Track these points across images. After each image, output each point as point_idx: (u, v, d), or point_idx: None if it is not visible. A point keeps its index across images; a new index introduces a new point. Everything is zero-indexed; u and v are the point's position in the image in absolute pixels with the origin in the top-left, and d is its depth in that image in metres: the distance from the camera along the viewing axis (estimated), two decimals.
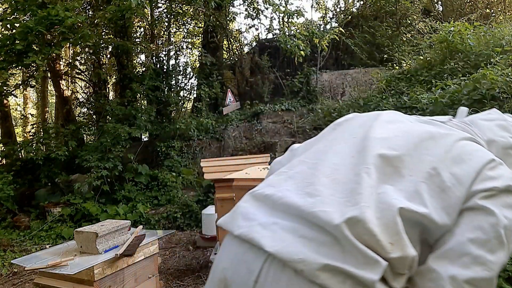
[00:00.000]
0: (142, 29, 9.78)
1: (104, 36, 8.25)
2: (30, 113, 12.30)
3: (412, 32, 8.29)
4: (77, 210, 5.99)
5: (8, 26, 5.91)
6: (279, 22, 8.24)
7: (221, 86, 8.56)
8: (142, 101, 8.92)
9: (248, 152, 7.17)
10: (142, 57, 9.88)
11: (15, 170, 6.64)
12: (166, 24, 9.37)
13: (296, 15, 7.19)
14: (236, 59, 9.51)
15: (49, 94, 11.92)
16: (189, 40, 10.51)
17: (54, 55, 7.12)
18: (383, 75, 6.89)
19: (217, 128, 7.78)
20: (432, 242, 0.82)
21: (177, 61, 9.57)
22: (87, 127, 8.33)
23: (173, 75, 8.79)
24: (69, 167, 6.97)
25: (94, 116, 8.65)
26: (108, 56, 9.27)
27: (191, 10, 9.04)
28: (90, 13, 8.31)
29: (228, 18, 9.14)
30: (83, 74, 9.16)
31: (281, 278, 0.75)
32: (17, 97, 9.98)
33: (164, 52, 9.24)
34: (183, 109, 9.40)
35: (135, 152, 7.13)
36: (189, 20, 9.74)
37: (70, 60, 9.16)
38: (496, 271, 0.75)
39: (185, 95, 9.30)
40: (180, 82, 9.09)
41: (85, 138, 8.68)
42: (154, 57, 8.79)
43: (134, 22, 8.73)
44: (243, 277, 0.80)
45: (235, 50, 9.80)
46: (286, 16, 7.35)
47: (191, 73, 9.21)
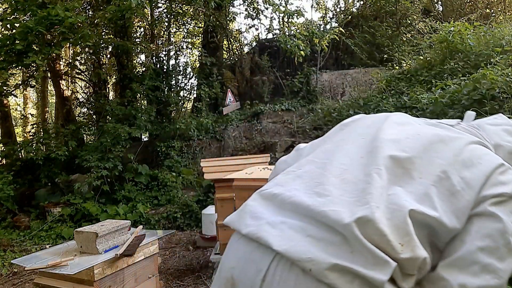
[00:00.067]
0: (142, 29, 9.78)
1: (104, 36, 8.25)
2: (30, 113, 12.30)
3: (412, 32, 8.28)
4: (77, 210, 6.00)
5: (8, 26, 5.91)
6: (279, 22, 8.25)
7: (221, 86, 8.56)
8: (142, 101, 8.92)
9: (248, 152, 7.17)
10: (142, 57, 9.91)
11: (15, 170, 6.65)
12: (166, 24, 9.37)
13: (296, 15, 7.19)
14: (236, 59, 9.51)
15: (49, 94, 11.92)
16: (189, 40, 10.50)
17: (54, 55, 7.12)
18: (383, 75, 6.89)
19: (217, 128, 7.78)
20: (441, 245, 0.82)
21: (177, 61, 9.59)
22: (87, 127, 8.34)
23: (173, 75, 8.80)
24: (69, 167, 6.97)
25: (94, 116, 8.65)
26: (108, 56, 9.27)
27: (191, 10, 9.04)
28: (90, 13, 8.31)
29: (228, 18, 9.15)
30: (83, 74, 9.16)
31: (288, 277, 0.75)
32: (17, 97, 9.98)
33: (164, 52, 9.25)
34: (183, 109, 9.40)
35: (135, 152, 7.13)
36: (189, 20, 9.74)
37: (70, 60, 9.16)
38: (505, 278, 0.76)
39: (185, 95, 9.31)
40: (180, 82, 9.10)
41: (85, 138, 8.68)
42: (154, 57, 8.80)
43: (134, 22, 8.73)
44: (251, 276, 0.80)
45: (235, 50, 9.81)
46: (286, 16, 7.35)
47: (191, 73, 9.22)
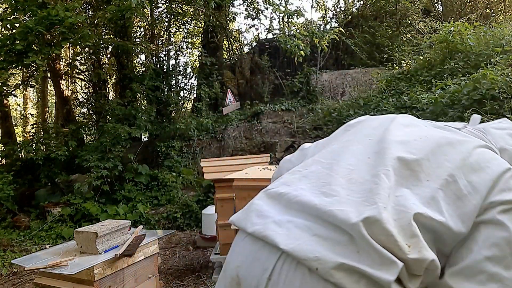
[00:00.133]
0: (142, 29, 9.77)
1: (104, 36, 8.25)
2: (30, 113, 12.29)
3: (412, 32, 8.28)
4: (77, 210, 6.00)
5: (8, 26, 5.91)
6: (279, 22, 8.24)
7: (221, 86, 8.56)
8: (142, 101, 8.92)
9: (248, 152, 7.17)
10: (142, 57, 9.90)
11: (15, 170, 6.65)
12: (166, 24, 9.37)
13: (296, 15, 7.18)
14: (236, 59, 9.52)
15: (49, 94, 11.92)
16: (189, 40, 10.49)
17: (54, 55, 7.12)
18: (383, 75, 6.89)
19: (217, 128, 7.78)
20: (445, 250, 0.82)
21: (177, 61, 9.59)
22: (87, 127, 8.34)
23: (173, 75, 8.80)
24: (69, 167, 6.97)
25: (94, 116, 8.65)
26: (108, 56, 9.27)
27: (191, 10, 9.04)
28: (90, 13, 8.30)
29: (228, 18, 9.15)
30: (83, 74, 9.16)
31: (294, 276, 0.75)
32: (17, 97, 9.98)
33: (164, 52, 9.25)
34: (183, 109, 9.40)
35: (135, 152, 7.13)
36: (189, 20, 9.74)
37: (70, 60, 9.15)
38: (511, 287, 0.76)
39: (185, 95, 9.31)
40: (180, 82, 9.10)
41: (85, 138, 8.68)
42: (154, 57, 8.80)
43: (134, 22, 8.73)
44: (256, 275, 0.80)
45: (235, 50, 9.81)
46: (286, 16, 7.34)
47: (191, 73, 9.22)
